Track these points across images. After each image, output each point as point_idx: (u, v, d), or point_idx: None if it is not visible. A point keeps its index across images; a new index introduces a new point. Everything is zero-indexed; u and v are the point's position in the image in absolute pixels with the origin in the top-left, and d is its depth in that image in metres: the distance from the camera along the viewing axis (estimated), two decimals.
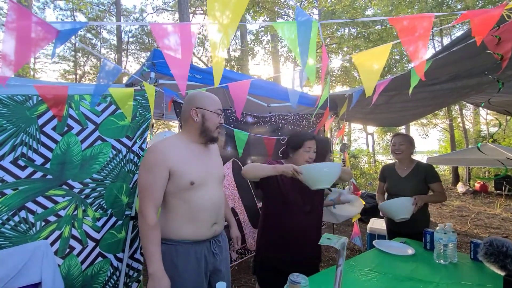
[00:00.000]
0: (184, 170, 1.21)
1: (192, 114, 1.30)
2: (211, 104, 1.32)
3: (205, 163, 1.32)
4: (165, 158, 1.19)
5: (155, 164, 1.18)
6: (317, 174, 1.42)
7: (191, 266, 1.22)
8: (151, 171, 1.18)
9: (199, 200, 1.24)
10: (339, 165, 1.51)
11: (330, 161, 2.59)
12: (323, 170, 1.43)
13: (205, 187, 1.27)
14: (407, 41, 1.05)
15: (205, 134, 1.31)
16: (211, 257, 1.30)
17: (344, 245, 0.90)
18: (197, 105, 1.31)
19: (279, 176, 1.63)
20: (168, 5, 14.84)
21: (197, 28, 1.06)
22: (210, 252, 1.29)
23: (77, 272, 1.50)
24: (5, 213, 1.31)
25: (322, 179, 1.42)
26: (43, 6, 13.68)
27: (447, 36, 11.56)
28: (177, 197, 1.22)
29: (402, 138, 2.28)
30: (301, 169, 1.41)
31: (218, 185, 1.37)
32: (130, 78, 1.94)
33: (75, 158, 1.52)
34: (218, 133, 1.36)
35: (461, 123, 12.67)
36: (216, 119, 1.33)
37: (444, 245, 1.45)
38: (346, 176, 1.75)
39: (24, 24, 0.83)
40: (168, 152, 1.21)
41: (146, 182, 1.18)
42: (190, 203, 1.22)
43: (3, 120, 1.32)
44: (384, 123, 4.50)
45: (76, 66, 15.38)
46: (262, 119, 2.80)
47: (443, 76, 2.10)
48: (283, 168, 1.44)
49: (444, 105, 3.88)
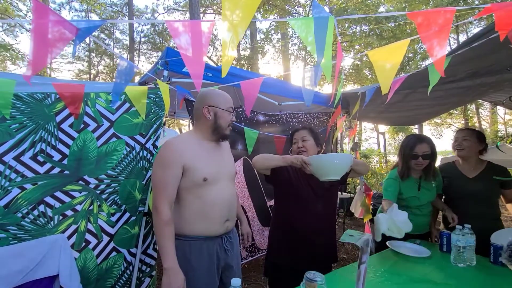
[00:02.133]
0: (197, 166, 1.22)
1: (205, 112, 1.31)
2: (223, 102, 1.33)
3: (217, 160, 1.33)
4: (179, 154, 1.20)
5: (169, 160, 1.19)
6: (325, 165, 1.37)
7: (203, 262, 1.23)
8: (165, 167, 1.19)
9: (211, 196, 1.25)
10: (350, 156, 1.44)
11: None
12: (332, 161, 1.37)
13: (218, 184, 1.28)
14: (427, 37, 1.02)
15: (217, 131, 1.33)
16: (222, 253, 1.31)
17: (367, 242, 0.88)
18: (209, 103, 1.32)
19: (291, 172, 1.62)
20: (179, 5, 14.99)
21: (210, 25, 1.06)
22: (222, 248, 1.30)
23: (92, 266, 1.53)
24: (25, 207, 1.35)
25: (331, 170, 1.36)
26: (59, 8, 14.10)
27: (463, 33, 11.20)
28: (191, 192, 1.23)
29: (465, 132, 1.93)
30: (309, 160, 1.38)
31: (230, 182, 1.38)
32: (144, 76, 1.97)
33: (91, 154, 1.56)
34: (230, 131, 1.38)
35: (477, 123, 12.27)
36: (228, 117, 1.34)
37: (462, 247, 1.40)
38: (361, 168, 1.64)
39: (47, 22, 0.85)
40: (182, 149, 1.23)
41: (160, 178, 1.19)
42: (203, 199, 1.23)
43: (24, 117, 1.36)
44: (397, 122, 4.40)
45: (90, 66, 15.76)
46: (274, 117, 2.79)
47: (461, 73, 2.03)
48: (292, 159, 1.44)
49: (460, 104, 3.77)
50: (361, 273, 0.90)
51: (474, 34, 1.36)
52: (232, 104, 1.38)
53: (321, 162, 1.37)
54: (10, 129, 1.33)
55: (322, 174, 1.38)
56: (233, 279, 0.76)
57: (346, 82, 11.26)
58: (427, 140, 1.79)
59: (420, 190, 1.83)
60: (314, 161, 1.38)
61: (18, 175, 1.34)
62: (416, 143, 1.77)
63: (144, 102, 1.74)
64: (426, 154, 1.75)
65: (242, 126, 2.46)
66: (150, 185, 1.79)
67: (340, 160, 1.38)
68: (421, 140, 1.78)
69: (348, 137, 3.47)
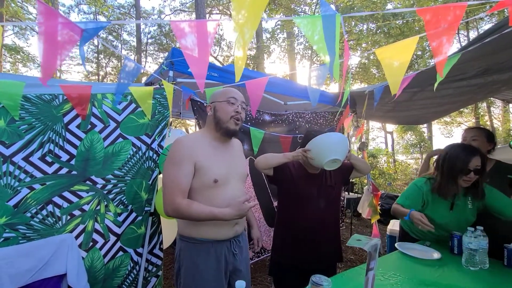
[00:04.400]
0: (208, 166, 1.20)
1: (207, 111, 1.34)
2: (220, 95, 1.31)
3: (228, 160, 1.31)
4: (191, 151, 1.19)
5: (181, 157, 1.17)
6: (323, 142, 1.43)
7: (211, 265, 1.21)
8: (177, 164, 1.17)
9: (221, 198, 1.22)
10: (344, 136, 1.53)
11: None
12: (329, 136, 1.45)
13: (228, 185, 1.25)
14: (433, 35, 0.99)
15: (219, 126, 1.28)
16: (231, 257, 1.28)
17: (376, 247, 0.85)
18: (210, 101, 1.35)
19: (293, 170, 1.62)
20: (185, 6, 15.08)
21: (215, 25, 1.05)
22: (230, 252, 1.28)
23: (99, 265, 1.55)
24: (34, 207, 1.38)
25: (331, 148, 1.42)
26: (68, 11, 14.37)
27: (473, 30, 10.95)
28: (200, 194, 1.21)
29: (474, 132, 1.86)
30: (308, 146, 1.47)
31: (241, 184, 1.35)
32: (150, 77, 1.98)
33: (98, 155, 1.57)
34: (236, 125, 1.29)
35: (488, 121, 11.98)
36: (228, 108, 1.27)
37: (474, 250, 1.36)
38: (361, 164, 1.65)
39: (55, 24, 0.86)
40: (194, 147, 1.21)
41: (173, 175, 1.16)
42: (213, 202, 1.20)
43: (32, 118, 1.38)
44: (405, 121, 4.32)
45: (99, 68, 16.01)
46: (279, 117, 2.77)
47: (471, 71, 1.98)
48: (293, 154, 1.53)
49: (471, 102, 3.67)
50: (369, 280, 0.87)
51: (485, 30, 1.32)
52: (234, 95, 1.30)
53: (318, 140, 1.44)
54: (19, 130, 1.35)
55: (323, 156, 1.43)
56: (237, 282, 0.75)
57: (353, 81, 11.14)
58: (480, 153, 1.54)
59: (453, 210, 1.60)
60: (312, 144, 1.45)
61: (27, 175, 1.36)
62: (470, 157, 1.50)
63: (150, 102, 1.75)
64: (478, 169, 1.51)
65: (248, 126, 2.45)
66: (156, 185, 1.80)
67: (336, 136, 1.47)
68: (474, 153, 1.52)
69: (355, 137, 3.43)
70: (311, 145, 1.46)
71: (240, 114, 1.28)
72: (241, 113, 1.29)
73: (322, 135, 1.47)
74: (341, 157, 1.45)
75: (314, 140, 1.46)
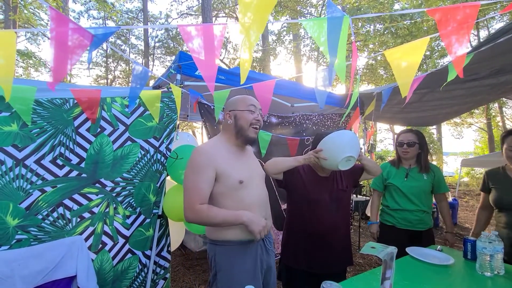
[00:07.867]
0: (230, 170, 1.22)
1: (226, 118, 1.34)
2: (241, 103, 1.32)
3: (247, 163, 1.34)
4: (211, 158, 1.21)
5: (201, 165, 1.20)
6: (336, 142, 1.41)
7: (248, 267, 1.22)
8: (197, 172, 1.19)
9: (248, 198, 1.24)
10: (355, 134, 1.53)
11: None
12: (342, 133, 1.43)
13: (252, 185, 1.28)
14: (447, 33, 0.97)
15: (240, 134, 1.30)
16: (264, 254, 1.29)
17: (392, 255, 0.81)
18: (229, 108, 1.34)
19: (303, 175, 1.60)
20: (192, 9, 15.25)
21: (222, 28, 1.05)
22: (263, 249, 1.29)
23: (108, 267, 1.56)
24: (45, 209, 1.40)
25: (344, 144, 1.40)
26: (78, 16, 14.70)
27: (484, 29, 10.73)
28: (228, 197, 1.22)
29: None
30: (320, 146, 1.44)
31: (262, 183, 1.39)
32: (158, 80, 2.00)
33: (107, 157, 1.59)
34: (255, 133, 1.33)
35: (500, 122, 11.69)
36: (249, 116, 1.30)
37: (490, 255, 1.32)
38: (373, 166, 1.63)
39: (66, 30, 0.87)
40: (214, 153, 1.23)
41: (193, 182, 1.19)
42: (242, 203, 1.22)
43: (44, 122, 1.41)
44: (414, 122, 4.24)
45: (107, 71, 16.31)
46: (286, 119, 2.76)
47: (483, 71, 1.94)
48: (304, 157, 1.49)
49: (482, 103, 3.58)
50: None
51: (498, 30, 1.29)
52: (254, 102, 1.34)
53: (330, 139, 1.42)
54: (31, 133, 1.38)
55: (337, 154, 1.40)
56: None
57: (360, 82, 11.04)
58: (414, 131, 2.01)
59: (407, 178, 1.95)
60: (324, 143, 1.43)
61: (38, 178, 1.39)
62: (401, 132, 2.04)
63: (158, 105, 1.77)
64: (410, 143, 1.94)
65: None
66: (164, 188, 1.81)
67: (348, 133, 1.45)
68: (407, 130, 2.02)
69: (366, 140, 3.40)
70: (323, 145, 1.43)
71: (259, 122, 1.33)
72: (260, 120, 1.34)
73: (333, 133, 1.44)
74: (356, 154, 1.42)
75: (326, 139, 1.43)
